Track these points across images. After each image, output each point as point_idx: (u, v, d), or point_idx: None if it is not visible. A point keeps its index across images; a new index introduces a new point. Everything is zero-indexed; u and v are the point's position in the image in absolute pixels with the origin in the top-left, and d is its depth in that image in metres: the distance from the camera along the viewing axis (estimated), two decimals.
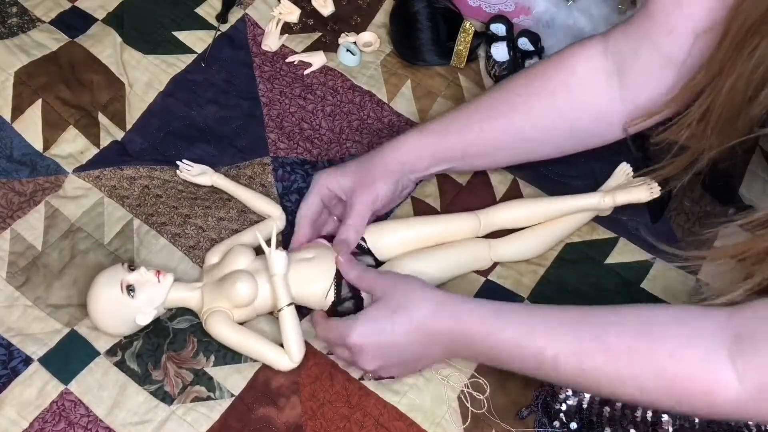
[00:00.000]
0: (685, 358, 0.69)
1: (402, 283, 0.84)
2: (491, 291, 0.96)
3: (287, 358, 0.88)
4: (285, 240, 1.00)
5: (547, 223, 0.98)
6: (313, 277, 0.91)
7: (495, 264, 0.98)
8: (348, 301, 0.91)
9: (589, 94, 0.91)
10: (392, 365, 0.85)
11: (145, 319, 0.89)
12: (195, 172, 1.02)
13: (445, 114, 0.96)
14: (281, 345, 0.89)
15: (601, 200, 0.96)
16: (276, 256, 0.88)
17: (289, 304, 0.88)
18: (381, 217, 1.00)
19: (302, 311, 0.93)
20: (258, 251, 0.94)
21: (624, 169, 0.99)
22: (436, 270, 0.94)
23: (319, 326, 0.88)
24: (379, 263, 0.95)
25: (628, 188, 0.97)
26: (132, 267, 0.90)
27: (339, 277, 0.91)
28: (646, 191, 0.97)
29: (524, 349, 0.77)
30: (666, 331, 0.71)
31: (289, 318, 0.88)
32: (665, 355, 0.69)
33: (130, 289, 0.88)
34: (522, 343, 0.77)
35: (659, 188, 0.97)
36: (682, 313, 0.73)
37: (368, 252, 0.95)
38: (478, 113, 0.93)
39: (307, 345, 0.91)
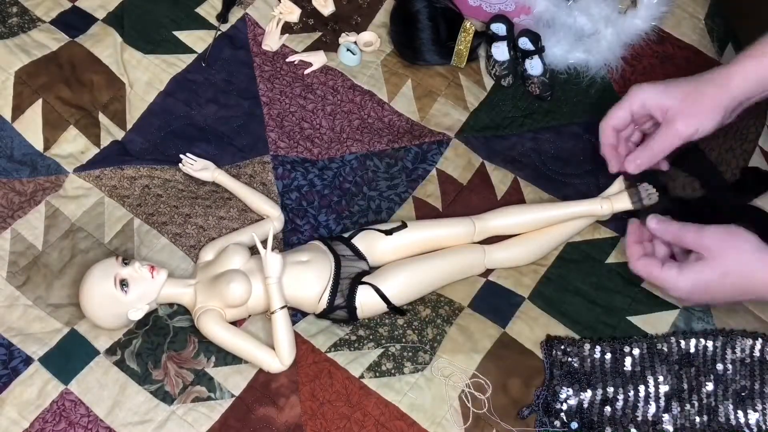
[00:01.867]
0: None
1: (731, 244, 0.82)
2: (492, 291, 0.96)
3: (278, 360, 0.88)
4: (283, 240, 1.00)
5: (543, 228, 0.98)
6: (307, 281, 0.91)
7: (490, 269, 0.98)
8: (341, 310, 0.91)
9: None
10: (695, 303, 0.88)
11: (137, 315, 0.89)
12: (198, 167, 1.02)
13: None
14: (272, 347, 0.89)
15: (599, 206, 0.96)
16: (271, 259, 0.88)
17: (282, 307, 0.88)
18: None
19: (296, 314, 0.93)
20: (253, 251, 0.94)
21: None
22: (430, 277, 0.94)
23: (639, 265, 0.87)
24: (372, 268, 0.95)
25: (626, 194, 0.97)
26: (126, 261, 0.90)
27: (334, 286, 0.91)
28: (644, 197, 0.97)
29: None
30: None
31: (281, 321, 0.88)
32: None
33: (123, 284, 0.88)
34: None
35: (656, 194, 0.97)
36: None
37: (362, 257, 0.95)
38: None
39: (306, 343, 0.91)
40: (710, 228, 0.84)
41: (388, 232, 0.95)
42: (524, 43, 1.15)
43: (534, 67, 1.13)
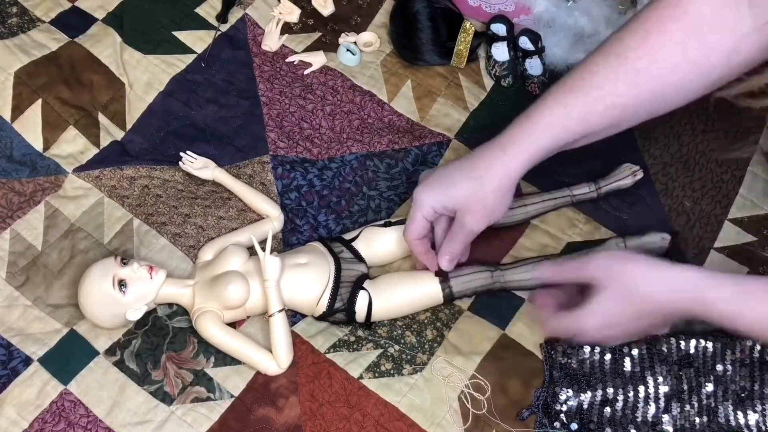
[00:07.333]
0: None
1: (622, 266, 0.79)
2: (492, 292, 0.96)
3: (275, 363, 0.88)
4: (283, 240, 1.00)
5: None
6: (305, 284, 0.91)
7: None
8: (340, 312, 0.91)
9: (722, 33, 0.78)
10: (614, 340, 0.87)
11: (135, 315, 0.89)
12: (197, 165, 1.02)
13: (541, 97, 0.86)
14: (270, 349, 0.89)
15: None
16: (270, 261, 0.88)
17: (280, 310, 0.88)
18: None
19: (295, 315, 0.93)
20: (252, 251, 0.94)
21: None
22: (424, 299, 0.93)
23: (548, 321, 0.84)
24: (371, 269, 0.95)
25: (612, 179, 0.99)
26: (125, 261, 0.90)
27: (335, 288, 0.91)
28: (629, 178, 0.99)
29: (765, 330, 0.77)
30: None
31: (279, 323, 0.88)
32: None
33: (121, 284, 0.88)
34: (765, 325, 0.76)
35: (641, 172, 1.00)
36: None
37: (362, 260, 0.95)
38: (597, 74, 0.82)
39: (305, 344, 0.91)
40: (593, 256, 0.81)
41: (388, 224, 0.95)
42: (524, 42, 1.15)
43: (534, 67, 1.13)
